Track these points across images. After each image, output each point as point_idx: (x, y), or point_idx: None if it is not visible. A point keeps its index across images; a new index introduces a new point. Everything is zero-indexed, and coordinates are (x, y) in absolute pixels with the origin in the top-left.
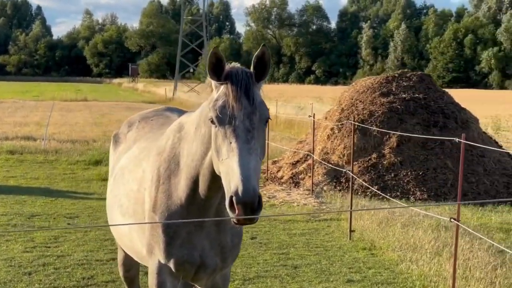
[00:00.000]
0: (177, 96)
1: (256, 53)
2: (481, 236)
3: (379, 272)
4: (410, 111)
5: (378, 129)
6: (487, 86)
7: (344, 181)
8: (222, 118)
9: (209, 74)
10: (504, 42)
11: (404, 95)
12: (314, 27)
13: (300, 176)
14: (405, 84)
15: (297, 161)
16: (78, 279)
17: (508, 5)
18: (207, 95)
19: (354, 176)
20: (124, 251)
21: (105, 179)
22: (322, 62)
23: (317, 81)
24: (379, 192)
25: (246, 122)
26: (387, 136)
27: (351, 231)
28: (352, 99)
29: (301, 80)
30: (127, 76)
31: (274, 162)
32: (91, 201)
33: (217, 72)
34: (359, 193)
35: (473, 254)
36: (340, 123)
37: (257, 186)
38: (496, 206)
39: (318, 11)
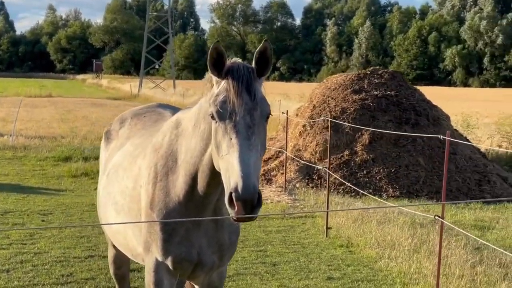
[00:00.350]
0: (142, 92)
1: (258, 48)
2: (469, 234)
3: (358, 269)
4: (382, 108)
5: (351, 125)
6: (451, 84)
7: (316, 178)
8: (223, 113)
9: (210, 69)
10: (468, 39)
11: (376, 92)
12: (279, 24)
13: (272, 173)
14: (376, 81)
15: (269, 158)
16: (57, 276)
17: (471, 3)
18: (207, 91)
19: (331, 173)
20: (116, 249)
21: (76, 176)
22: (286, 59)
23: (282, 77)
24: (356, 189)
25: (247, 118)
26: (360, 133)
27: (327, 228)
28: (324, 96)
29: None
30: (91, 72)
31: None
32: (63, 198)
33: (218, 67)
34: (332, 190)
35: (451, 252)
36: (313, 120)
37: (257, 183)
38: (468, 203)
39: (282, 8)
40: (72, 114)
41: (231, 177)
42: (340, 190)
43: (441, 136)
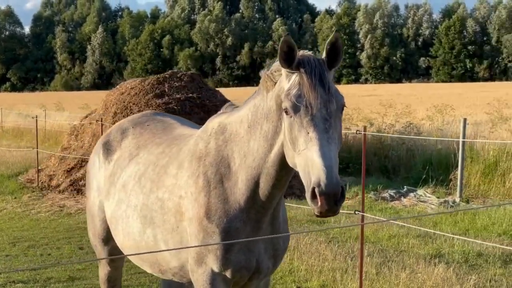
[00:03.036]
0: None
1: (329, 39)
2: (414, 227)
3: None
4: (186, 111)
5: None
6: None
7: None
8: (298, 107)
9: (281, 63)
10: (199, 42)
11: (178, 95)
12: (7, 33)
13: (80, 183)
14: (177, 84)
15: (72, 168)
16: None
17: (199, 6)
18: (266, 90)
19: None
20: (111, 266)
21: None
22: (17, 68)
23: (14, 88)
24: None
25: (323, 110)
26: None
27: None
28: (124, 102)
29: None
30: None
31: (39, 171)
32: None
33: (289, 60)
34: None
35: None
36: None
37: (339, 177)
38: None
39: (10, 16)
40: None
41: (312, 172)
42: None
43: (357, 131)
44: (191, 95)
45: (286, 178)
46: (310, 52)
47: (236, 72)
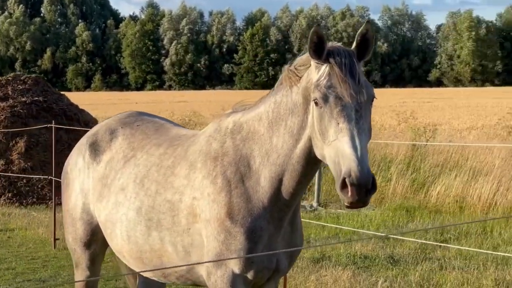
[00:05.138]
0: None
1: (360, 30)
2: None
3: None
4: (33, 114)
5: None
6: None
7: None
8: (329, 97)
9: (310, 54)
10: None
11: (23, 99)
12: None
13: None
14: (21, 87)
15: None
16: None
17: None
18: (289, 85)
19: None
20: (90, 271)
21: None
22: None
23: None
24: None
25: (354, 101)
26: (14, 142)
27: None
28: None
29: None
30: None
31: None
32: None
33: (318, 51)
34: None
35: None
36: None
37: (370, 167)
38: None
39: None
40: None
41: (343, 162)
42: (1, 200)
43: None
44: (36, 98)
45: (311, 174)
46: (339, 44)
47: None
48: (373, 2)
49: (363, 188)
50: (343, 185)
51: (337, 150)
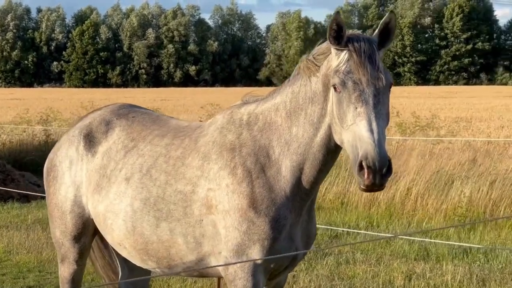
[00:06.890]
0: None
1: (384, 19)
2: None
3: None
4: None
5: None
6: None
7: None
8: (347, 83)
9: (330, 41)
10: None
11: None
12: None
13: None
14: None
15: None
16: None
17: None
18: (307, 75)
19: None
20: (77, 265)
21: None
22: None
23: None
24: None
25: (372, 87)
26: None
27: None
28: None
29: None
30: None
31: None
32: None
33: (338, 38)
34: None
35: None
36: None
37: (386, 151)
38: None
39: None
40: None
41: (360, 146)
42: None
43: None
44: None
45: (332, 162)
46: (359, 31)
47: None
48: (204, 2)
49: (379, 171)
50: (360, 168)
51: (355, 134)
